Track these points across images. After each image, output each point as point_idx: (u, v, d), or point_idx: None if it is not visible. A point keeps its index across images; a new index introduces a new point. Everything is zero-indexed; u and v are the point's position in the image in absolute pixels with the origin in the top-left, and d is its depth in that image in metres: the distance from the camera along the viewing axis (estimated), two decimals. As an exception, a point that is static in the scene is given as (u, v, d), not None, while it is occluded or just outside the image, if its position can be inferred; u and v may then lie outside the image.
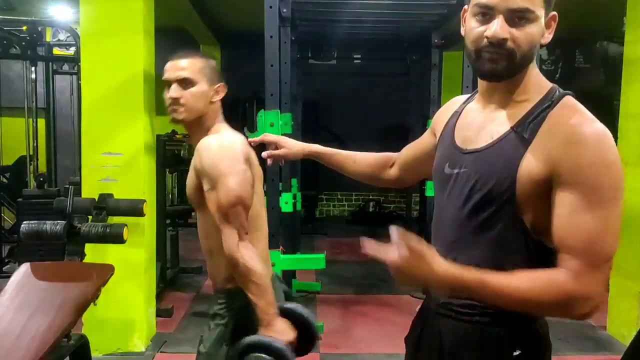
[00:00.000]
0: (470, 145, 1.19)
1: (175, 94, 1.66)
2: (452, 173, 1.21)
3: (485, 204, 1.12)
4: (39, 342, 1.90)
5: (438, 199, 1.27)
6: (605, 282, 1.06)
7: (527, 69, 1.14)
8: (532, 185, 1.07)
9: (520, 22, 1.08)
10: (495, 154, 1.13)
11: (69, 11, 5.90)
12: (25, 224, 2.58)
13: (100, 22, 3.42)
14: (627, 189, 4.15)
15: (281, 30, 3.57)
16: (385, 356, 3.53)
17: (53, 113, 5.86)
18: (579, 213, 1.04)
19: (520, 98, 1.15)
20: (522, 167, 1.08)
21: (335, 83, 7.92)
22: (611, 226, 1.07)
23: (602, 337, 3.96)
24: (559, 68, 8.31)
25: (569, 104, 1.11)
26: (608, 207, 1.05)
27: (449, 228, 1.21)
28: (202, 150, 1.63)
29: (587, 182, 1.03)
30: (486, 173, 1.13)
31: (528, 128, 1.10)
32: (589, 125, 1.06)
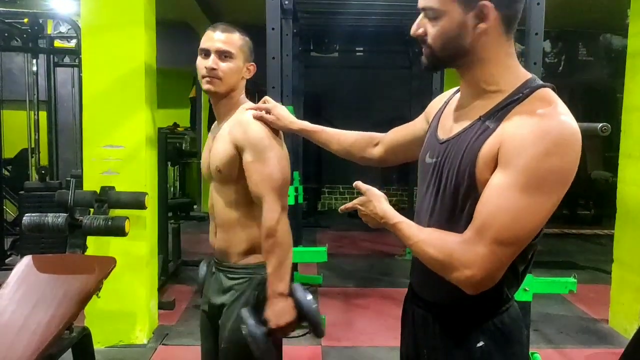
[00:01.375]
0: (446, 135, 1.21)
1: (214, 65, 1.69)
2: (431, 162, 1.23)
3: (452, 192, 1.14)
4: (41, 334, 1.90)
5: (419, 188, 1.30)
6: (491, 261, 1.04)
7: (480, 59, 1.14)
8: (490, 173, 1.07)
9: (431, 19, 1.14)
10: (460, 143, 1.14)
11: (70, 3, 5.88)
12: (27, 217, 2.58)
13: (101, 14, 3.41)
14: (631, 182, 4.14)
15: (283, 22, 3.55)
16: (386, 349, 3.53)
17: (54, 106, 5.85)
18: (498, 190, 1.04)
19: (491, 88, 1.15)
20: (480, 156, 1.09)
21: (338, 76, 7.90)
22: (525, 214, 1.03)
23: (604, 330, 3.96)
24: (562, 61, 8.28)
25: (539, 97, 1.09)
26: (531, 195, 1.02)
27: (425, 215, 1.24)
28: (249, 123, 1.68)
29: (518, 163, 1.02)
30: (453, 162, 1.15)
31: (495, 119, 1.10)
32: (550, 118, 1.04)
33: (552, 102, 1.08)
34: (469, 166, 1.10)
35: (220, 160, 1.70)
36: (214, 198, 1.79)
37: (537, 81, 1.14)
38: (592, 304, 4.41)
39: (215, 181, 1.77)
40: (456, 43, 1.13)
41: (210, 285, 1.82)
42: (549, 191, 1.03)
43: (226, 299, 1.74)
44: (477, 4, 1.09)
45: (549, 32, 7.35)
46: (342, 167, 1.83)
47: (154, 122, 3.66)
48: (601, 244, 6.36)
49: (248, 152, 1.66)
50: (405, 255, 5.97)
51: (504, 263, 1.06)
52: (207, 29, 1.74)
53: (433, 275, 1.15)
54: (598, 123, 2.64)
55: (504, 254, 1.05)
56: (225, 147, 1.70)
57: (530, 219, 1.04)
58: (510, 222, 1.03)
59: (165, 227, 4.60)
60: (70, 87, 6.30)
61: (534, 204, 1.03)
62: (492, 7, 1.08)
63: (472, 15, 1.10)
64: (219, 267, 1.80)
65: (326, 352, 3.47)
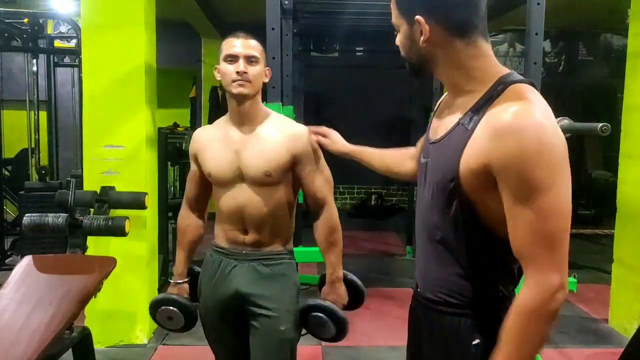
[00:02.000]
0: (435, 136, 1.26)
1: (245, 68, 1.77)
2: (424, 162, 1.29)
3: (439, 192, 1.19)
4: (41, 334, 1.90)
5: (418, 186, 1.34)
6: (562, 259, 1.07)
7: (446, 64, 1.20)
8: (472, 177, 1.11)
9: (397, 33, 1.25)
10: (444, 145, 1.19)
11: (70, 3, 5.87)
12: (27, 217, 2.58)
13: (101, 14, 3.41)
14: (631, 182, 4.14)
15: (283, 22, 3.55)
16: (387, 349, 3.54)
17: (54, 106, 5.85)
18: (515, 210, 1.06)
19: (467, 88, 1.19)
20: (462, 159, 1.12)
21: (338, 75, 7.89)
22: (553, 210, 1.04)
23: (604, 329, 3.96)
24: (562, 61, 8.28)
25: (515, 92, 1.11)
26: (544, 194, 1.04)
27: (420, 216, 1.30)
28: (307, 137, 1.87)
29: (515, 175, 1.04)
30: (439, 163, 1.20)
31: (472, 120, 1.13)
32: (525, 115, 1.05)
33: (526, 97, 1.09)
34: (452, 169, 1.14)
35: (271, 165, 1.81)
36: (245, 198, 1.84)
37: (512, 77, 1.16)
38: (592, 303, 4.41)
39: (254, 184, 1.83)
40: (414, 53, 1.22)
41: (236, 277, 1.87)
42: (558, 177, 1.05)
43: (271, 284, 1.86)
44: (414, 19, 1.17)
45: (549, 32, 7.36)
46: (341, 168, 1.91)
47: (154, 122, 3.66)
48: (601, 243, 6.36)
49: (309, 163, 1.86)
50: (406, 255, 5.98)
51: (565, 256, 1.08)
52: (227, 37, 1.83)
53: (432, 273, 1.24)
54: (598, 123, 2.64)
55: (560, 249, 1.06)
56: (280, 154, 1.82)
57: (561, 206, 1.06)
58: (556, 221, 1.05)
59: (166, 227, 4.60)
60: (70, 87, 6.30)
61: (553, 197, 1.04)
62: (423, 20, 1.15)
63: (415, 28, 1.18)
64: (253, 258, 1.87)
65: (326, 351, 3.47)
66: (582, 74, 8.23)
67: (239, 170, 1.83)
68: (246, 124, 1.84)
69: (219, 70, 1.83)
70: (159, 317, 1.99)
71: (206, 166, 1.88)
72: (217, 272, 1.90)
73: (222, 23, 7.48)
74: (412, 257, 5.88)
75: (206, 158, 1.88)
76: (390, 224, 7.71)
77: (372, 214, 8.05)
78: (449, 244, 1.20)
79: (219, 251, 1.92)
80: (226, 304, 1.89)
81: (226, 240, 1.90)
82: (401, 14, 1.21)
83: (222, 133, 1.87)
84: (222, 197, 1.88)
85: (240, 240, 1.88)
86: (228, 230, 1.89)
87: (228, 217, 1.88)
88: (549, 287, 1.05)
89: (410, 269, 5.49)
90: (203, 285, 1.96)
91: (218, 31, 7.57)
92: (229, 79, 1.79)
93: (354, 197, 8.78)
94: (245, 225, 1.86)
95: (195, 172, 1.96)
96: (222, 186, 1.87)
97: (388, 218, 8.26)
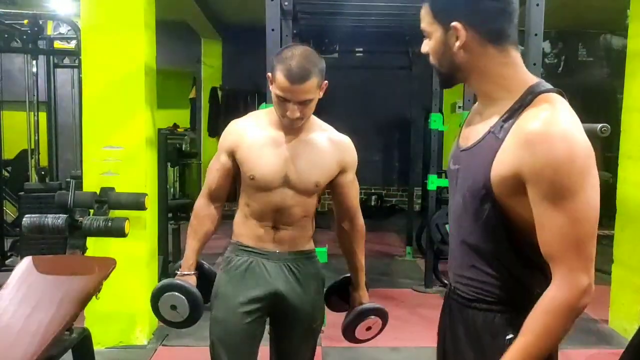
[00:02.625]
0: (466, 143, 1.30)
1: (298, 114, 1.74)
2: (454, 169, 1.34)
3: (471, 197, 1.24)
4: (41, 335, 1.90)
5: (449, 191, 1.41)
6: (590, 261, 1.13)
7: (477, 72, 1.24)
8: (503, 184, 1.16)
9: (428, 39, 1.28)
10: (476, 152, 1.24)
11: (70, 4, 5.88)
12: (27, 218, 2.58)
13: (101, 15, 3.41)
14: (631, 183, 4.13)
15: (283, 23, 3.55)
16: (387, 350, 3.54)
17: (54, 107, 5.84)
18: (546, 214, 1.11)
19: (497, 96, 1.24)
20: (494, 166, 1.17)
21: (338, 76, 7.84)
22: (581, 214, 1.10)
23: (604, 330, 3.96)
24: (562, 62, 8.28)
25: (538, 104, 1.16)
26: (573, 199, 1.09)
27: (453, 220, 1.36)
28: (351, 145, 1.93)
29: (547, 181, 1.09)
30: (470, 170, 1.25)
31: (502, 129, 1.18)
32: (553, 123, 1.11)
33: (553, 105, 1.14)
34: (483, 176, 1.19)
35: (323, 177, 1.85)
36: (284, 202, 1.84)
37: (542, 86, 1.20)
38: (592, 304, 4.30)
39: (298, 191, 1.84)
40: (446, 60, 1.25)
41: (274, 277, 1.87)
42: (586, 182, 1.10)
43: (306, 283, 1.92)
44: (450, 25, 1.20)
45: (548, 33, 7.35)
46: None
47: (154, 122, 3.66)
48: (601, 244, 6.26)
49: (351, 172, 1.92)
50: (406, 256, 5.98)
51: (593, 258, 1.14)
52: (280, 65, 1.70)
53: (466, 273, 1.29)
54: (597, 124, 2.65)
55: (588, 252, 1.12)
56: (330, 166, 1.86)
57: (584, 217, 1.11)
58: (587, 225, 1.11)
59: (166, 227, 4.60)
60: (70, 88, 6.29)
61: (584, 202, 1.10)
62: (461, 27, 1.19)
63: (450, 34, 1.21)
64: (286, 258, 1.90)
65: (326, 352, 3.47)
66: (582, 75, 8.24)
67: (286, 178, 1.82)
68: (294, 132, 1.83)
69: (271, 83, 1.76)
70: (162, 307, 1.88)
71: (250, 168, 1.81)
72: (247, 271, 1.87)
73: (222, 25, 7.49)
74: (412, 258, 5.89)
75: (250, 159, 1.82)
76: (390, 224, 7.71)
77: (372, 214, 8.05)
78: (481, 247, 1.25)
79: (247, 250, 1.89)
80: (257, 304, 1.86)
81: (255, 239, 1.88)
82: (437, 20, 1.23)
83: (268, 135, 1.83)
84: (257, 198, 1.84)
85: (271, 239, 1.87)
86: (258, 229, 1.87)
87: (261, 216, 1.86)
88: (578, 288, 1.11)
89: (409, 270, 5.50)
90: (225, 286, 1.89)
91: (218, 32, 7.58)
92: (280, 113, 1.77)
93: (354, 197, 8.78)
94: (278, 225, 1.87)
95: (226, 165, 1.89)
96: (263, 190, 1.83)
97: (388, 219, 8.26)
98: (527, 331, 1.15)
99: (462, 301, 1.32)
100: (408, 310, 4.21)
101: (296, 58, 1.68)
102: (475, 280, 1.27)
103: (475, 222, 1.24)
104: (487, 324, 1.26)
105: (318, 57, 1.76)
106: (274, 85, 1.73)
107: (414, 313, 4.17)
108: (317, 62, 1.73)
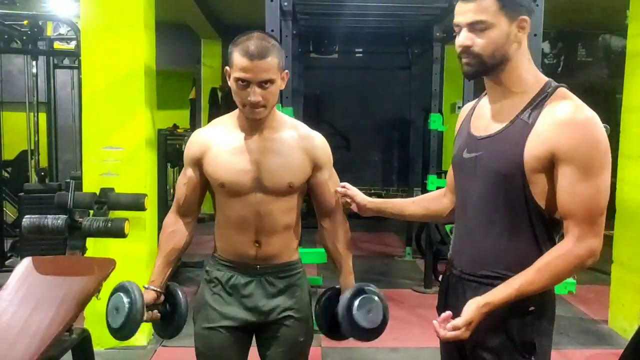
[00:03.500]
0: (484, 133, 1.44)
1: (259, 97, 1.63)
2: (471, 157, 1.45)
3: (499, 178, 1.38)
4: (41, 336, 1.90)
5: (460, 181, 1.53)
6: (602, 231, 1.33)
7: (513, 65, 1.38)
8: (536, 162, 1.33)
9: (480, 31, 1.35)
10: (505, 137, 1.38)
11: (69, 5, 5.88)
12: (27, 219, 2.58)
13: (101, 16, 3.41)
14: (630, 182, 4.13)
15: (282, 24, 3.55)
16: (387, 350, 3.54)
17: (54, 107, 5.86)
18: (577, 184, 1.30)
19: (517, 89, 1.39)
20: (527, 148, 1.33)
21: (337, 77, 7.90)
22: (603, 189, 1.32)
23: (604, 330, 3.96)
24: (561, 62, 8.29)
25: (562, 94, 1.36)
26: (599, 175, 1.30)
27: (475, 203, 1.46)
28: (326, 143, 1.83)
29: (580, 158, 1.29)
30: (499, 154, 1.38)
31: (530, 115, 1.35)
32: (580, 111, 1.32)
33: (572, 97, 1.36)
34: (516, 156, 1.34)
35: (295, 176, 1.75)
36: (260, 208, 1.73)
37: (553, 82, 1.40)
38: (591, 304, 4.41)
39: (272, 194, 1.73)
40: (503, 50, 1.36)
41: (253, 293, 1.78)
42: (608, 164, 1.32)
43: (289, 297, 1.81)
44: (519, 17, 1.35)
45: (548, 33, 7.36)
46: (340, 169, 1.88)
47: (154, 123, 3.66)
48: (601, 244, 6.36)
49: (326, 169, 1.82)
50: (405, 257, 5.98)
51: (603, 230, 1.34)
52: (237, 48, 1.63)
53: (489, 252, 1.42)
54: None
55: (602, 223, 1.33)
56: (303, 164, 1.77)
57: (607, 188, 1.33)
58: (604, 199, 1.32)
59: (165, 228, 4.59)
60: (70, 89, 6.30)
61: (604, 179, 1.31)
62: (528, 20, 1.36)
63: (515, 25, 1.35)
64: (267, 272, 1.78)
65: (326, 353, 3.47)
66: (581, 75, 8.24)
67: (258, 180, 1.71)
68: (261, 132, 1.73)
69: (228, 77, 1.68)
70: (109, 306, 1.80)
71: (218, 176, 1.72)
72: (226, 288, 1.79)
73: (221, 25, 7.49)
74: (412, 259, 5.89)
75: (217, 166, 1.72)
76: (389, 225, 7.70)
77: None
78: (509, 225, 1.39)
79: (226, 265, 1.80)
80: (239, 321, 1.78)
81: (234, 253, 1.78)
82: (504, 11, 1.33)
83: (234, 139, 1.74)
84: (232, 207, 1.75)
85: (251, 253, 1.76)
86: (237, 242, 1.77)
87: (238, 228, 1.75)
88: (591, 248, 1.31)
89: (409, 270, 5.50)
90: (206, 301, 1.81)
91: (217, 33, 7.58)
92: (240, 102, 1.66)
93: (354, 198, 8.78)
94: (258, 236, 1.75)
95: (193, 179, 1.80)
96: (235, 196, 1.74)
97: (387, 219, 8.23)
98: (535, 270, 1.32)
99: (482, 280, 1.43)
100: (408, 311, 4.21)
101: (253, 39, 1.62)
102: (499, 257, 1.41)
103: (503, 201, 1.38)
104: None
105: (276, 42, 1.69)
106: (233, 70, 1.64)
107: (414, 313, 4.17)
108: (276, 44, 1.66)
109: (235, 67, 1.63)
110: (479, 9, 1.33)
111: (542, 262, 1.32)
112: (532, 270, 1.32)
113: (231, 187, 1.72)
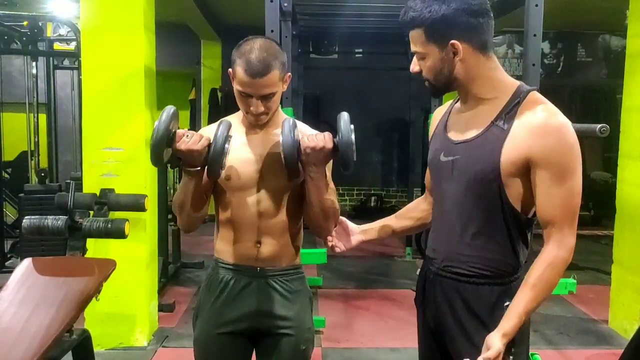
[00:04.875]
0: (461, 137, 1.48)
1: (261, 109, 1.66)
2: (448, 160, 1.50)
3: (476, 181, 1.42)
4: (41, 336, 1.90)
5: (437, 183, 1.57)
6: (576, 228, 1.39)
7: (482, 77, 1.43)
8: (512, 167, 1.37)
9: (421, 59, 1.47)
10: (482, 143, 1.42)
11: (69, 6, 5.89)
12: (27, 219, 2.59)
13: (101, 16, 3.41)
14: (630, 183, 4.13)
15: (282, 24, 3.55)
16: (387, 350, 3.54)
17: (54, 108, 5.86)
18: (553, 188, 1.35)
19: (489, 96, 1.45)
20: (503, 153, 1.37)
21: (337, 77, 7.89)
22: (577, 190, 1.38)
23: (604, 330, 3.96)
24: (561, 62, 8.29)
25: (534, 99, 1.41)
26: (572, 178, 1.36)
27: (452, 204, 1.49)
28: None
29: (555, 162, 1.34)
30: (476, 158, 1.42)
31: (505, 121, 1.40)
32: (553, 117, 1.37)
33: (545, 102, 1.41)
34: (493, 160, 1.38)
35: None
36: (262, 205, 1.74)
37: (524, 86, 1.45)
38: (591, 304, 4.41)
39: (274, 190, 1.73)
40: (445, 73, 1.43)
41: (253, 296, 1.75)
42: (579, 166, 1.37)
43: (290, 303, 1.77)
44: (448, 44, 1.39)
45: (547, 33, 7.36)
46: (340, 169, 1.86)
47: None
48: (601, 244, 6.36)
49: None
50: (405, 257, 5.97)
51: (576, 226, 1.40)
52: (239, 60, 1.63)
53: (465, 251, 1.46)
54: (597, 124, 2.65)
55: (576, 221, 1.39)
56: None
57: (580, 187, 1.38)
58: (577, 198, 1.38)
59: (165, 229, 4.60)
60: (69, 90, 6.31)
61: (577, 180, 1.37)
62: (458, 43, 1.39)
63: (447, 51, 1.40)
64: (268, 274, 1.76)
65: (326, 353, 3.47)
66: (581, 75, 8.24)
67: (260, 174, 1.72)
68: (265, 128, 1.75)
69: (232, 79, 1.69)
70: None
71: (225, 169, 1.71)
72: (226, 291, 1.76)
73: (221, 26, 7.49)
74: (412, 259, 5.88)
75: None
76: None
77: (372, 215, 8.02)
78: (484, 225, 1.44)
79: (226, 267, 1.77)
80: (238, 326, 1.75)
81: (235, 255, 1.76)
82: (431, 42, 1.41)
83: (239, 135, 1.76)
84: (234, 205, 1.74)
85: (252, 254, 1.74)
86: (238, 244, 1.75)
87: (240, 228, 1.74)
88: (571, 247, 1.37)
89: (409, 271, 5.49)
90: (206, 305, 1.79)
91: (217, 34, 7.58)
92: (243, 108, 1.70)
93: (354, 198, 8.77)
94: (260, 237, 1.74)
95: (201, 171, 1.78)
96: (239, 190, 1.73)
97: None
98: (532, 287, 1.36)
99: (459, 277, 1.48)
100: (408, 311, 4.19)
101: (255, 51, 1.61)
102: (476, 257, 1.45)
103: (479, 203, 1.43)
104: (485, 296, 1.45)
105: (279, 49, 1.69)
106: (235, 80, 1.66)
107: (414, 314, 4.12)
108: (278, 54, 1.65)
109: (237, 79, 1.65)
110: (414, 41, 1.45)
111: (535, 277, 1.36)
112: (528, 287, 1.36)
113: (236, 179, 1.73)
